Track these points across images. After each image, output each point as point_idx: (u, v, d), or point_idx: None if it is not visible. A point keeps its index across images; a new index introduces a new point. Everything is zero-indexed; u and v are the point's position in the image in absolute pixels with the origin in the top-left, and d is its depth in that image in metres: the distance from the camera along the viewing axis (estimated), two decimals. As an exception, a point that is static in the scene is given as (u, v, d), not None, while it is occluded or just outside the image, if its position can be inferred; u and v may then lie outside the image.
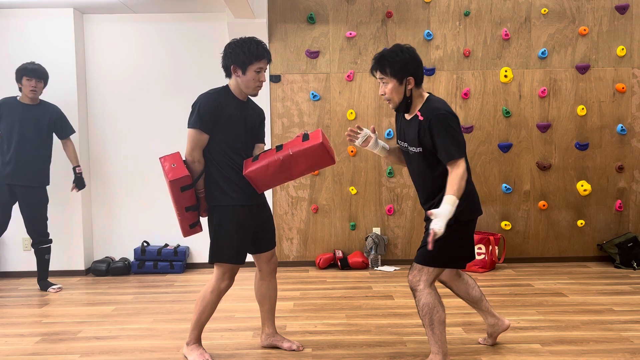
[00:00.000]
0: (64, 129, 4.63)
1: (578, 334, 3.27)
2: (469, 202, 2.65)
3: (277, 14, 5.07)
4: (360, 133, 2.86)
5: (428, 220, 2.70)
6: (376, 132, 2.93)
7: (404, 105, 2.69)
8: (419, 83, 2.67)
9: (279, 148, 2.81)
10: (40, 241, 4.53)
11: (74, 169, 4.65)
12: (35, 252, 4.56)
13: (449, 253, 2.67)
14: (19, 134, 4.40)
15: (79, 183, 4.64)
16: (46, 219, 4.56)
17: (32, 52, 4.90)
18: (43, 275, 4.58)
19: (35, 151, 4.46)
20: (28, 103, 4.48)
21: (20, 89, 4.48)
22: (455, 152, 2.55)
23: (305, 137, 2.80)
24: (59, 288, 4.55)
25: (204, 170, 2.84)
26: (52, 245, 4.64)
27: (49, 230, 4.56)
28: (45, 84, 4.54)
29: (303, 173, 2.85)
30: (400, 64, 2.61)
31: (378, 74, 2.68)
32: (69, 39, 4.92)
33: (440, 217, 2.47)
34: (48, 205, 4.57)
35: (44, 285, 4.55)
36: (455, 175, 2.54)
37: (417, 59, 2.66)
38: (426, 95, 2.70)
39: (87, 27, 5.11)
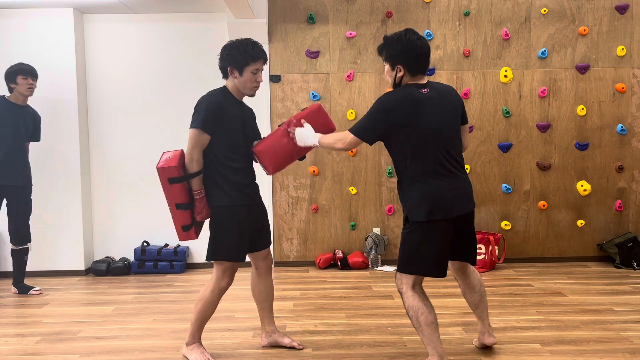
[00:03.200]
0: (38, 134, 4.63)
1: (578, 334, 3.27)
2: (420, 203, 2.59)
3: (277, 14, 5.07)
4: None
5: (405, 220, 2.71)
6: None
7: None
8: (411, 72, 2.66)
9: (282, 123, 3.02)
10: (25, 241, 4.47)
11: None
12: (15, 254, 4.46)
13: (410, 257, 2.64)
14: (14, 134, 4.37)
15: None
16: (29, 217, 4.52)
17: (32, 52, 4.90)
18: (21, 278, 4.48)
19: (24, 151, 4.48)
20: (19, 104, 4.44)
21: (10, 90, 4.41)
22: (354, 126, 2.69)
23: (305, 109, 3.01)
24: (40, 290, 4.47)
25: (202, 171, 2.84)
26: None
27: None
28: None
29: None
30: (393, 50, 2.67)
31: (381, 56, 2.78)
32: (69, 39, 4.92)
33: (307, 128, 2.88)
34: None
35: (24, 289, 4.45)
36: (336, 134, 2.81)
37: (414, 50, 2.63)
38: (414, 82, 2.68)
39: (87, 27, 5.11)
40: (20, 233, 4.44)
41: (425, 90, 2.65)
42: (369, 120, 2.65)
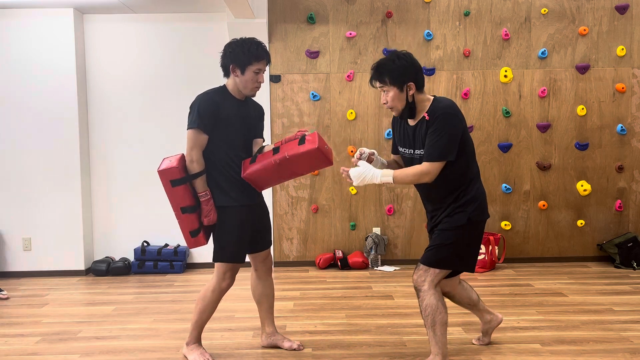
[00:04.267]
0: None
1: (578, 334, 3.27)
2: (479, 203, 2.66)
3: (277, 14, 5.07)
4: (361, 156, 2.82)
5: (433, 228, 2.73)
6: (375, 153, 2.88)
7: (408, 111, 2.66)
8: (420, 87, 2.65)
9: (276, 151, 2.79)
10: None
11: None
12: None
13: (459, 255, 2.67)
14: None
15: None
16: None
17: (32, 52, 4.91)
18: None
19: None
20: None
21: None
22: (436, 154, 2.54)
23: (302, 140, 2.76)
24: (7, 295, 4.35)
25: (204, 172, 2.82)
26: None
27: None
28: None
29: (302, 174, 2.88)
30: (399, 70, 2.59)
31: (377, 84, 2.66)
32: (69, 39, 4.92)
33: (363, 166, 2.62)
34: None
35: None
36: (414, 169, 2.60)
37: (416, 64, 2.64)
38: (432, 97, 2.68)
39: (87, 27, 5.11)
40: None
41: None
42: (448, 139, 2.55)
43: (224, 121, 2.80)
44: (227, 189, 2.83)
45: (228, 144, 2.83)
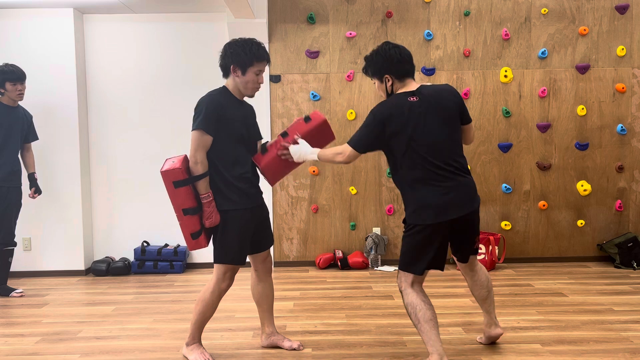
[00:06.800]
0: (33, 134, 4.59)
1: (578, 334, 3.27)
2: (414, 209, 2.71)
3: (277, 14, 5.07)
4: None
5: (404, 222, 2.82)
6: None
7: None
8: (399, 78, 2.77)
9: (285, 135, 2.96)
10: (9, 242, 4.38)
11: (32, 174, 4.55)
12: (1, 255, 4.36)
13: (404, 256, 2.77)
14: (6, 136, 4.32)
15: (37, 188, 4.55)
16: (17, 218, 4.46)
17: (32, 52, 4.91)
18: (3, 281, 4.40)
19: (16, 153, 4.42)
20: (10, 105, 4.37)
21: (0, 93, 4.31)
22: (352, 139, 2.79)
23: (307, 119, 2.98)
24: (22, 293, 4.40)
25: (208, 174, 2.80)
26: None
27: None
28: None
29: None
30: (376, 65, 2.80)
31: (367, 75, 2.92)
32: (69, 39, 4.92)
33: (301, 143, 2.87)
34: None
35: (5, 291, 4.37)
36: (334, 148, 2.86)
37: (391, 58, 2.75)
38: (409, 90, 2.74)
39: (87, 27, 5.11)
40: (11, 234, 4.38)
41: (414, 98, 2.70)
42: (365, 132, 2.75)
43: (229, 123, 2.81)
44: (228, 194, 2.82)
45: (231, 145, 2.83)
